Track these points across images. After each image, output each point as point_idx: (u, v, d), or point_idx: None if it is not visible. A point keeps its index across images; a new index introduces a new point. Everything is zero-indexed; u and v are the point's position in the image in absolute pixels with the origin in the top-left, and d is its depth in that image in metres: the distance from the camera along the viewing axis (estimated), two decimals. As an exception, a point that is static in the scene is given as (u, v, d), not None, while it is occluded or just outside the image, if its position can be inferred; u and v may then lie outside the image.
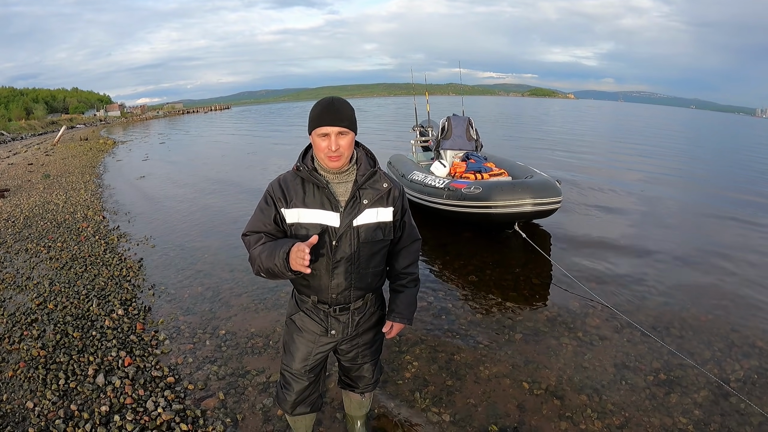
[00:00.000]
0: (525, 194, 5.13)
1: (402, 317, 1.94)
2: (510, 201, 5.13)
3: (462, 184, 5.58)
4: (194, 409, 2.70)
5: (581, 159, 13.24)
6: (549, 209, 5.28)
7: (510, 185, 5.32)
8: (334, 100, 1.68)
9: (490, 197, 5.20)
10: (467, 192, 5.40)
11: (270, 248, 1.65)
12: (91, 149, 19.36)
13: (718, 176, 11.72)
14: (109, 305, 4.10)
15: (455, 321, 3.80)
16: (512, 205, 5.13)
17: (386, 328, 1.97)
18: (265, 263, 1.65)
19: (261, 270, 1.69)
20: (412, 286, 1.97)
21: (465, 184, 5.55)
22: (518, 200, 5.11)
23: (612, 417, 2.65)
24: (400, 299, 1.95)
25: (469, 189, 5.40)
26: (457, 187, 5.55)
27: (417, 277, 1.99)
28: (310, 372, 1.95)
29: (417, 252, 1.98)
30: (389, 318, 1.97)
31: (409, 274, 1.96)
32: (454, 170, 6.60)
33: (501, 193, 5.18)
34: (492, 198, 5.19)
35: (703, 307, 4.03)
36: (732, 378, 3.02)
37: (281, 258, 1.59)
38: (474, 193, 5.33)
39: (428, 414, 2.69)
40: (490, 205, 5.21)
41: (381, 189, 1.77)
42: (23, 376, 3.04)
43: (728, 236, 6.24)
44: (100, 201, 8.68)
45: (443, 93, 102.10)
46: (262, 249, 1.68)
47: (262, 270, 1.69)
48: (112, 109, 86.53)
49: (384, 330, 1.98)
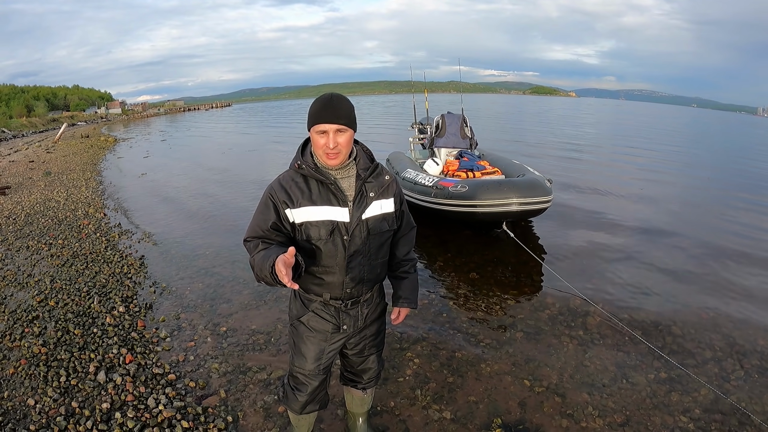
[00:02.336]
0: (511, 193, 5.05)
1: (409, 302, 2.01)
2: (495, 200, 5.05)
3: (449, 182, 5.51)
4: (195, 407, 2.71)
5: (582, 158, 13.22)
6: (536, 209, 5.20)
7: (496, 184, 5.26)
8: (333, 97, 1.67)
9: (476, 196, 5.13)
10: (454, 190, 5.32)
11: (261, 259, 1.61)
12: (92, 146, 19.35)
13: (720, 176, 11.69)
14: (111, 302, 4.10)
15: (456, 318, 3.80)
16: (498, 204, 5.05)
17: (394, 314, 2.04)
18: (259, 273, 1.62)
19: (260, 279, 1.66)
20: (413, 272, 2.04)
21: (452, 182, 5.48)
22: (504, 199, 5.03)
23: (613, 415, 2.65)
24: (405, 285, 2.02)
25: (456, 187, 5.33)
26: (444, 186, 5.48)
27: (416, 262, 2.07)
28: (323, 371, 1.96)
29: (414, 239, 2.04)
30: (396, 304, 2.02)
31: (409, 260, 2.02)
32: (447, 168, 6.54)
33: (486, 192, 5.11)
34: (477, 197, 5.12)
35: (703, 306, 4.03)
36: (733, 377, 3.02)
37: (267, 272, 1.55)
38: (460, 192, 5.26)
39: (429, 411, 2.69)
40: (475, 203, 5.13)
41: (384, 182, 1.80)
42: (24, 373, 3.04)
43: (730, 235, 6.23)
44: (101, 198, 8.68)
45: (444, 90, 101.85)
46: (256, 259, 1.65)
47: (260, 279, 1.65)
48: (113, 106, 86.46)
49: (392, 317, 2.03)
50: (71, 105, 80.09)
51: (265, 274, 1.58)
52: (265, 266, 1.57)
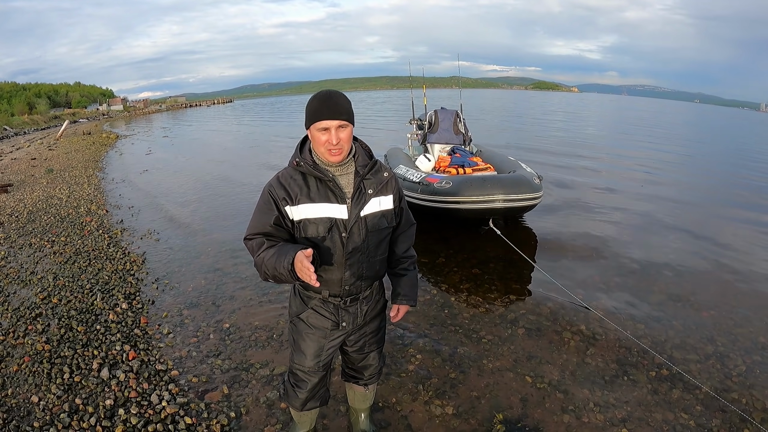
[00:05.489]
0: (496, 190, 4.94)
1: (408, 299, 2.01)
2: (479, 197, 4.97)
3: (435, 178, 5.42)
4: (198, 403, 2.72)
5: (583, 154, 13.20)
6: (522, 206, 5.10)
7: (480, 180, 5.15)
8: (331, 94, 1.67)
9: (460, 192, 5.04)
10: (439, 187, 5.24)
11: (274, 257, 1.61)
12: (94, 143, 19.36)
13: (721, 174, 11.66)
14: (113, 299, 4.12)
15: (458, 314, 3.81)
16: (482, 200, 4.97)
17: (393, 311, 2.04)
18: (271, 271, 1.62)
19: (268, 277, 1.66)
20: (412, 269, 2.03)
21: (438, 178, 5.40)
22: (488, 196, 4.94)
23: (614, 411, 2.66)
24: (404, 282, 2.01)
25: (441, 184, 5.24)
26: (430, 182, 5.39)
27: (416, 259, 2.05)
28: (323, 368, 1.97)
29: (413, 235, 2.03)
30: (396, 301, 2.02)
31: (409, 257, 2.02)
32: (439, 164, 6.47)
33: (470, 189, 5.02)
34: (461, 193, 5.03)
35: (705, 303, 4.03)
36: (734, 373, 3.02)
37: (286, 269, 1.56)
38: (444, 188, 5.17)
39: (431, 406, 2.70)
40: (459, 200, 5.05)
41: (383, 178, 1.79)
42: (28, 370, 3.06)
43: (730, 233, 6.23)
44: (103, 195, 8.70)
45: (446, 86, 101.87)
46: (266, 256, 1.64)
47: (269, 277, 1.66)
48: (114, 103, 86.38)
49: (391, 314, 2.03)
50: (73, 102, 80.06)
51: (281, 272, 1.58)
52: (281, 263, 1.57)
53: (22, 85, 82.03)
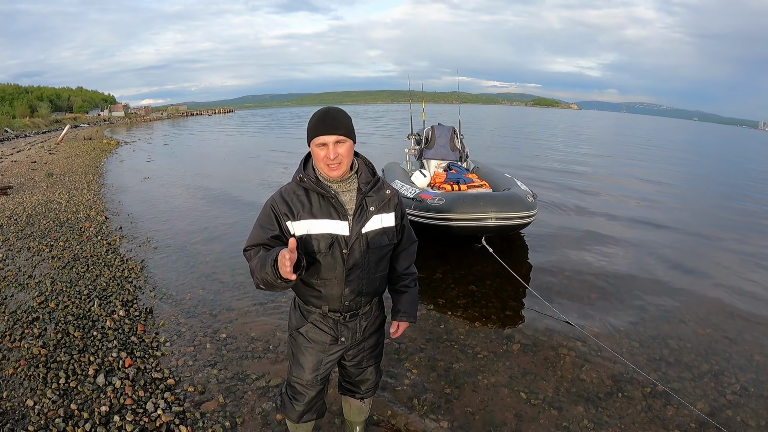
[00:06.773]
0: (488, 207, 4.91)
1: (408, 316, 2.02)
2: (472, 214, 4.95)
3: (429, 195, 5.42)
4: (194, 412, 2.72)
5: (580, 172, 13.29)
6: (515, 224, 5.06)
7: (472, 198, 5.13)
8: (330, 110, 1.71)
9: (452, 209, 5.02)
10: (432, 203, 5.22)
11: (262, 258, 1.63)
12: (94, 149, 19.42)
13: (718, 194, 11.75)
14: (111, 306, 4.12)
15: (454, 330, 3.82)
16: (474, 218, 4.95)
17: (393, 328, 2.05)
18: (259, 274, 1.62)
19: (259, 282, 1.66)
20: (413, 286, 2.04)
21: (431, 195, 5.39)
22: (480, 213, 4.92)
23: (608, 428, 2.67)
24: (404, 299, 2.02)
25: (434, 200, 5.24)
26: (423, 198, 5.38)
27: (416, 276, 2.06)
28: (320, 381, 1.98)
29: (415, 253, 2.05)
30: (396, 318, 2.03)
31: (410, 275, 2.03)
32: (434, 180, 6.46)
33: (462, 206, 5.00)
34: (453, 210, 5.01)
35: (700, 321, 4.06)
36: (728, 391, 3.04)
37: (270, 266, 1.55)
38: (437, 205, 5.16)
39: (426, 421, 2.71)
40: (451, 217, 5.04)
41: (385, 196, 1.81)
42: (24, 374, 3.06)
43: (726, 253, 6.27)
44: (102, 201, 8.72)
45: (447, 101, 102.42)
46: (257, 260, 1.66)
47: (260, 282, 1.65)
48: (116, 109, 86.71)
49: (391, 330, 2.05)
50: (74, 107, 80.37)
51: (266, 270, 1.56)
52: (266, 262, 1.58)
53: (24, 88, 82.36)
